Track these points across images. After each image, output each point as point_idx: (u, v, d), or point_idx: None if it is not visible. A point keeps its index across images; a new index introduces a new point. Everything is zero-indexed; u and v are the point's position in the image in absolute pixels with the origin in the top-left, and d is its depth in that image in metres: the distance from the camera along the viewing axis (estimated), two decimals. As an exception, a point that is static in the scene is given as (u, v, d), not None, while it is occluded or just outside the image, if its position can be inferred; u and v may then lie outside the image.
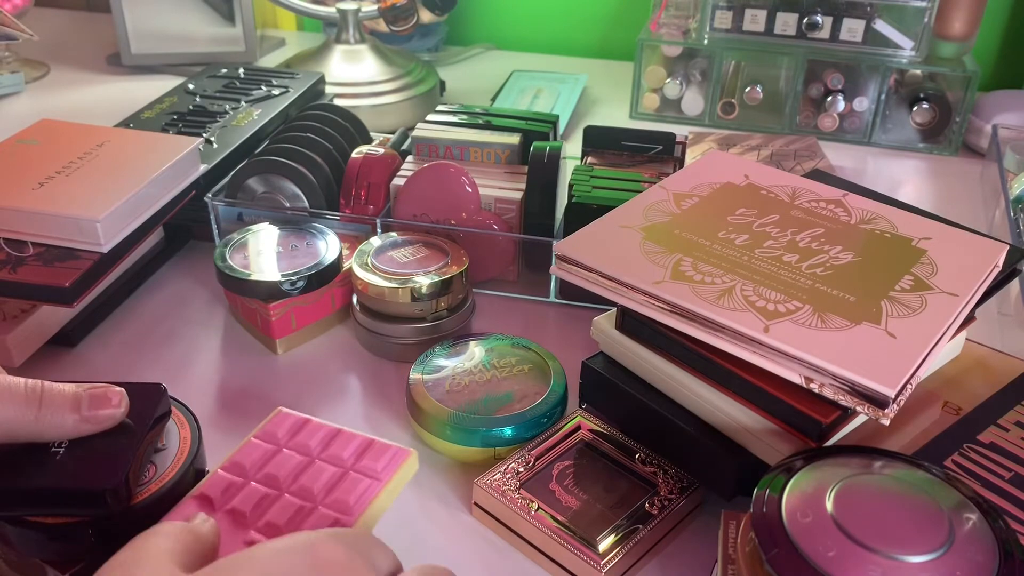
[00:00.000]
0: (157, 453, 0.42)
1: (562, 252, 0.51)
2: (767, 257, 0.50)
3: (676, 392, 0.50)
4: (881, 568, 0.34)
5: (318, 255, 0.63)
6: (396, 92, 0.99)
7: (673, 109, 1.05)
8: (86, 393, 0.38)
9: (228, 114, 0.83)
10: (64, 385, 0.38)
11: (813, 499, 0.37)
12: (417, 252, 0.65)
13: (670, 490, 0.48)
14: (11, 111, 1.04)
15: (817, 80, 1.00)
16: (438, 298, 0.62)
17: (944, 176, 0.94)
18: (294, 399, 0.59)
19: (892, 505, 0.37)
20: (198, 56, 1.14)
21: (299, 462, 0.41)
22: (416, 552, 0.48)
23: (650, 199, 0.56)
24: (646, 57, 1.03)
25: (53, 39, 1.25)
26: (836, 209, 0.55)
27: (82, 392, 0.38)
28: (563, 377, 0.56)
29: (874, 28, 0.96)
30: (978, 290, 0.49)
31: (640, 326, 0.51)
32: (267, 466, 0.41)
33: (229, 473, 0.40)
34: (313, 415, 0.44)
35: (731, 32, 1.00)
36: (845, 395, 0.42)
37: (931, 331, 0.44)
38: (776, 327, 0.44)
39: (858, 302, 0.46)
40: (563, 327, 0.67)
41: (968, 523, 0.36)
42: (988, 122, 0.96)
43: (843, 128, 1.01)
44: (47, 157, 0.66)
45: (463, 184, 0.68)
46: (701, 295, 0.46)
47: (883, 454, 0.41)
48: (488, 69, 1.18)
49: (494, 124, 0.76)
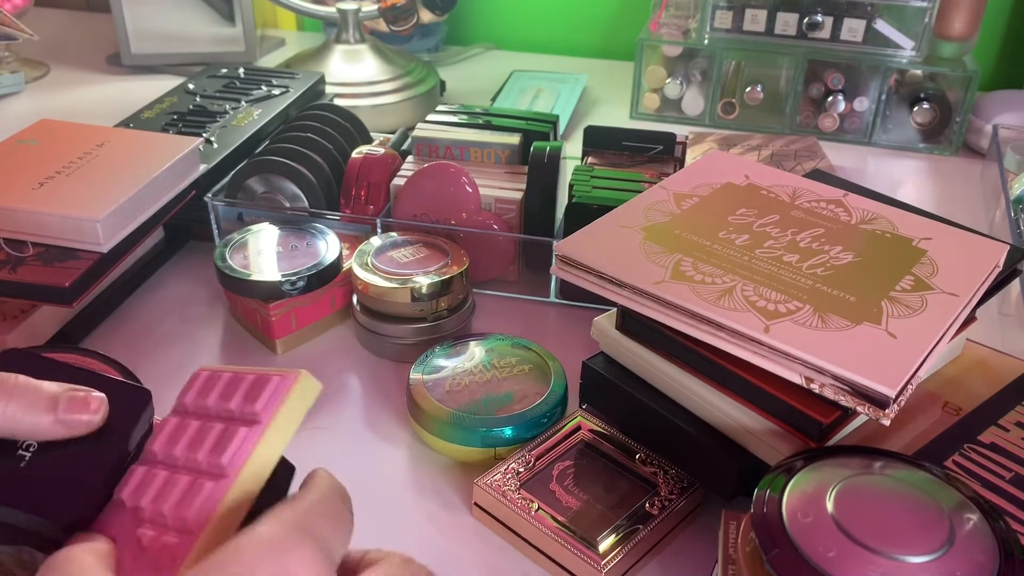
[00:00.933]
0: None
1: (562, 252, 0.51)
2: (767, 257, 0.50)
3: (676, 392, 0.50)
4: (881, 568, 0.34)
5: (318, 255, 0.63)
6: (396, 92, 0.99)
7: (673, 109, 1.05)
8: (65, 394, 0.37)
9: (228, 114, 0.83)
10: (46, 383, 0.37)
11: (813, 499, 0.37)
12: (417, 252, 0.65)
13: (670, 490, 0.48)
14: (11, 111, 1.04)
15: (817, 80, 1.00)
16: (438, 298, 0.61)
17: (944, 176, 0.94)
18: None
19: (893, 505, 0.37)
20: (198, 56, 1.14)
21: (181, 431, 0.36)
22: (416, 552, 0.47)
23: (650, 199, 0.56)
24: (646, 57, 1.03)
25: (53, 39, 1.25)
26: (836, 209, 0.55)
27: (62, 392, 0.37)
28: (563, 377, 0.56)
29: (874, 28, 0.96)
30: (979, 290, 0.49)
31: (640, 326, 0.51)
32: (155, 443, 0.36)
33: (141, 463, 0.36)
34: (311, 416, 0.44)
35: (731, 32, 1.00)
36: (845, 395, 0.42)
37: (932, 331, 0.44)
38: (776, 327, 0.44)
39: (858, 302, 0.46)
40: (563, 327, 0.67)
41: (968, 523, 0.36)
42: (988, 122, 0.96)
43: (843, 128, 1.01)
44: (47, 157, 0.66)
45: (463, 184, 0.68)
46: (701, 295, 0.46)
47: (883, 454, 0.41)
48: (488, 69, 1.18)
49: (494, 124, 0.76)
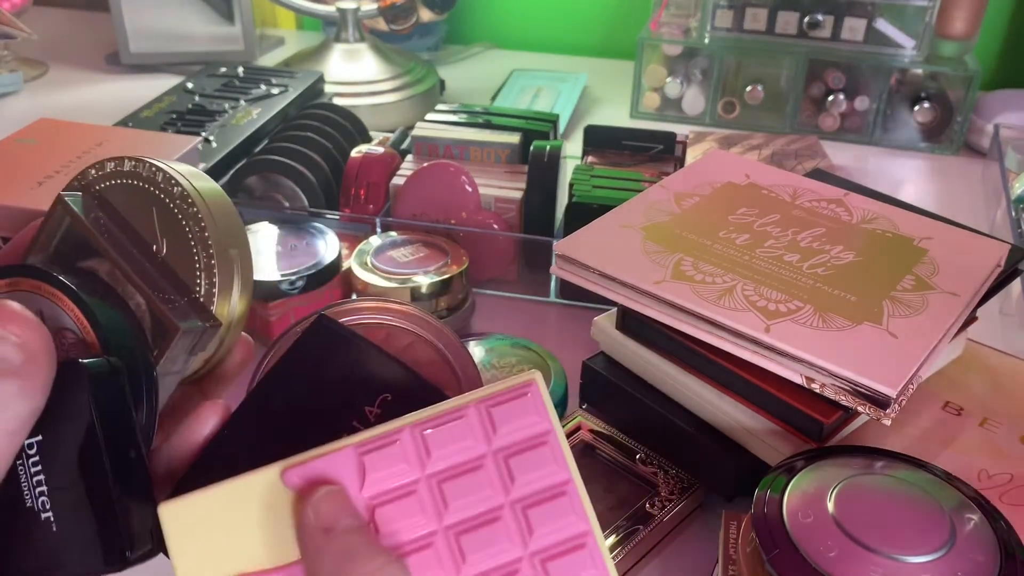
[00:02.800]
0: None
1: (562, 252, 0.50)
2: (768, 257, 0.49)
3: (677, 392, 0.50)
4: (882, 568, 0.34)
5: (317, 255, 0.63)
6: (396, 91, 0.99)
7: (674, 108, 1.05)
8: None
9: (227, 113, 0.83)
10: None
11: (814, 499, 0.37)
12: (417, 252, 0.65)
13: (670, 490, 0.48)
14: (9, 110, 1.04)
15: (818, 79, 1.00)
16: (438, 298, 0.61)
17: (945, 176, 0.94)
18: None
19: (893, 505, 0.37)
20: (197, 55, 1.14)
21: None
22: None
23: (651, 198, 0.55)
24: (647, 56, 1.03)
25: (52, 38, 1.25)
26: (837, 209, 0.55)
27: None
28: (563, 377, 0.56)
29: (875, 27, 0.96)
30: (980, 290, 0.49)
31: (641, 326, 0.50)
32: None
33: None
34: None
35: (732, 31, 1.00)
36: (846, 395, 0.42)
37: (933, 331, 0.44)
38: (777, 327, 0.44)
39: (859, 302, 0.46)
40: (563, 327, 0.67)
41: (969, 523, 0.36)
42: (989, 122, 0.96)
43: (844, 127, 1.01)
44: (46, 156, 0.66)
45: (463, 183, 0.68)
46: (702, 295, 0.46)
47: (884, 454, 0.41)
48: (488, 68, 1.18)
49: (494, 123, 0.76)
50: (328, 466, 0.27)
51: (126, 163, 0.32)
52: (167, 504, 0.27)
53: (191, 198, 0.31)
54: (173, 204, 0.31)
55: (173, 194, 0.31)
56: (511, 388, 0.29)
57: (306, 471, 0.27)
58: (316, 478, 0.27)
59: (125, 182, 0.32)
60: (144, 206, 0.31)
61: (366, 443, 0.28)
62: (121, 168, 0.32)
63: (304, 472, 0.27)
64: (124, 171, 0.32)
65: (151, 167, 0.31)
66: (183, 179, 0.31)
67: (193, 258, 0.31)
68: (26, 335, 0.24)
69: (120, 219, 0.31)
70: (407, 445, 0.28)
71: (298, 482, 0.27)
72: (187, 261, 0.31)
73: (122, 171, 0.32)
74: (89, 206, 0.31)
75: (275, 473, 0.27)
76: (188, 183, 0.31)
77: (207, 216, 0.31)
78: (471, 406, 0.29)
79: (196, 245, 0.31)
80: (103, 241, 0.30)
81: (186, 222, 0.31)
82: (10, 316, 0.24)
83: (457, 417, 0.29)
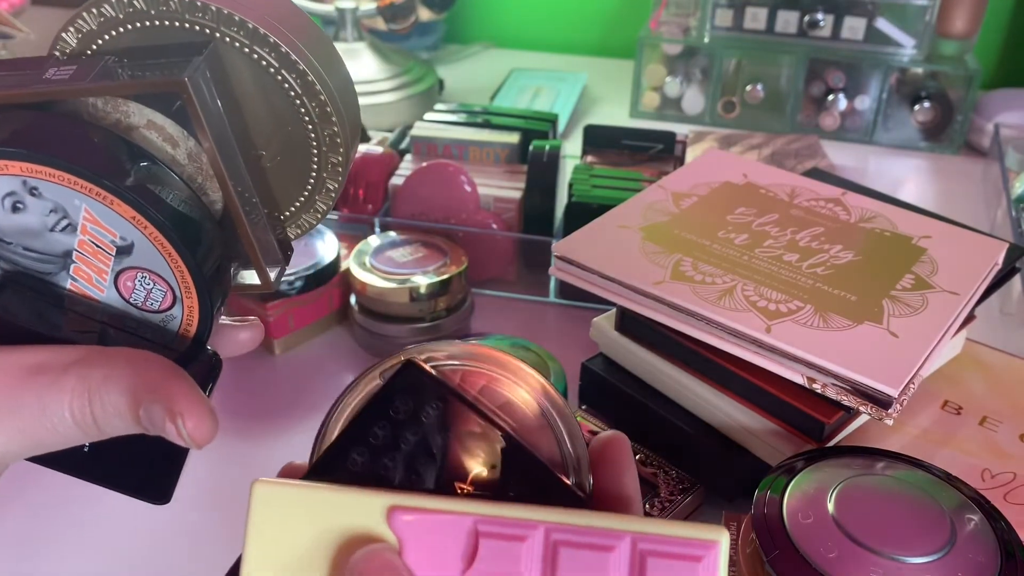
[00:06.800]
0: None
1: (561, 253, 0.50)
2: (767, 257, 0.49)
3: (676, 393, 0.50)
4: (882, 569, 0.34)
5: (316, 255, 0.63)
6: (394, 91, 0.99)
7: (674, 108, 1.04)
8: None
9: (226, 113, 0.83)
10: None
11: (814, 500, 0.37)
12: (416, 252, 0.65)
13: (670, 491, 0.48)
14: (9, 110, 1.04)
15: (818, 79, 1.00)
16: (437, 298, 0.61)
17: (946, 175, 0.94)
18: (292, 400, 0.58)
19: (894, 506, 0.37)
20: (197, 55, 1.14)
21: None
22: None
23: (649, 198, 0.55)
24: (646, 55, 1.03)
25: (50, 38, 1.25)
26: (835, 208, 0.55)
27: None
28: (563, 378, 0.56)
29: (875, 26, 0.96)
30: (979, 288, 0.49)
31: (640, 327, 0.50)
32: None
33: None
34: (311, 417, 0.43)
35: (732, 30, 1.00)
36: (848, 395, 0.42)
37: (933, 330, 0.44)
38: (778, 327, 0.44)
39: (859, 301, 0.46)
40: (563, 327, 0.67)
41: (970, 524, 0.36)
42: (990, 121, 0.95)
43: (844, 127, 1.00)
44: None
45: (462, 183, 0.67)
46: (702, 295, 0.46)
47: (885, 455, 0.41)
48: (487, 67, 1.18)
49: (493, 123, 0.76)
50: (439, 526, 0.24)
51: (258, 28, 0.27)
52: (262, 482, 0.25)
53: (329, 106, 0.28)
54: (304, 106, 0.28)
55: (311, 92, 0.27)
56: (687, 540, 0.24)
57: (415, 520, 0.24)
58: (422, 532, 0.24)
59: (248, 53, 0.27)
60: (265, 92, 0.28)
61: (491, 521, 0.24)
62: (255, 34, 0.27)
63: (413, 521, 0.24)
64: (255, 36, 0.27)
65: (284, 52, 0.27)
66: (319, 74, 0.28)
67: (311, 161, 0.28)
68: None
69: (231, 97, 0.28)
70: (534, 548, 0.24)
71: (402, 528, 0.24)
72: (303, 165, 0.29)
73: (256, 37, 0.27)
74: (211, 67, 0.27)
75: (381, 504, 0.25)
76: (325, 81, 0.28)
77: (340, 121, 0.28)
78: (627, 537, 0.24)
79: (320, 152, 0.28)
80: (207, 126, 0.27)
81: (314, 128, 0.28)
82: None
83: (604, 547, 0.24)
